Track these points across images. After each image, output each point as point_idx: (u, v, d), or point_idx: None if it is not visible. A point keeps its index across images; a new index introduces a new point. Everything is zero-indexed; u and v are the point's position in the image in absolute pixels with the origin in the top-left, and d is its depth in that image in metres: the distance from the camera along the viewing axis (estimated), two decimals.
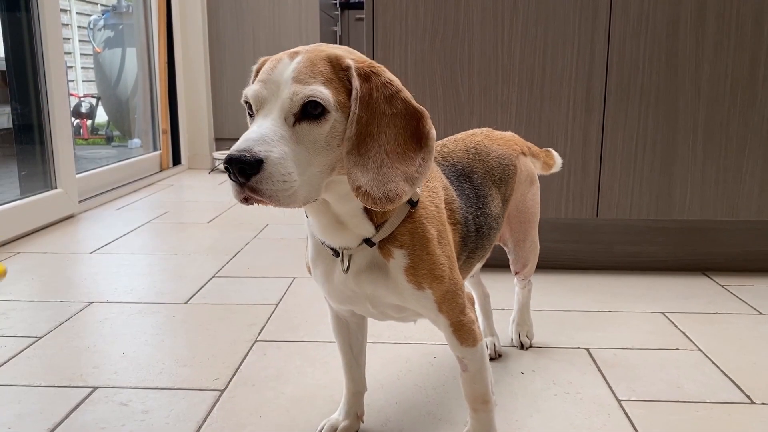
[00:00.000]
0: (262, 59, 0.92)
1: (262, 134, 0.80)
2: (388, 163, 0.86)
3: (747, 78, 1.92)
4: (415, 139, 0.89)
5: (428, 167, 0.89)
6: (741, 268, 2.12)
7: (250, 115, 0.87)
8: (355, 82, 0.85)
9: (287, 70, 0.83)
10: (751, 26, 1.90)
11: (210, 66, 4.58)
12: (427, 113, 0.90)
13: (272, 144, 0.79)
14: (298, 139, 0.82)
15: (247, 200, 0.81)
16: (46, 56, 2.82)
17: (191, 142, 4.58)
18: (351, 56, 0.88)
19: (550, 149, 1.53)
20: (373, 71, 0.87)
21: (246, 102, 0.87)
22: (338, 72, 0.86)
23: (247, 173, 0.77)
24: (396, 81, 0.89)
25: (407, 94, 0.89)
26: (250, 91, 0.85)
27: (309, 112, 0.82)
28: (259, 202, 0.81)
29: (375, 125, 0.86)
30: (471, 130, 1.33)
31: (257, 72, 0.92)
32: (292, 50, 0.87)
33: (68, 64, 5.61)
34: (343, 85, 0.85)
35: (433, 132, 0.90)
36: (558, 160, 1.53)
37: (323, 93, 0.83)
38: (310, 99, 0.82)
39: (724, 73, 1.92)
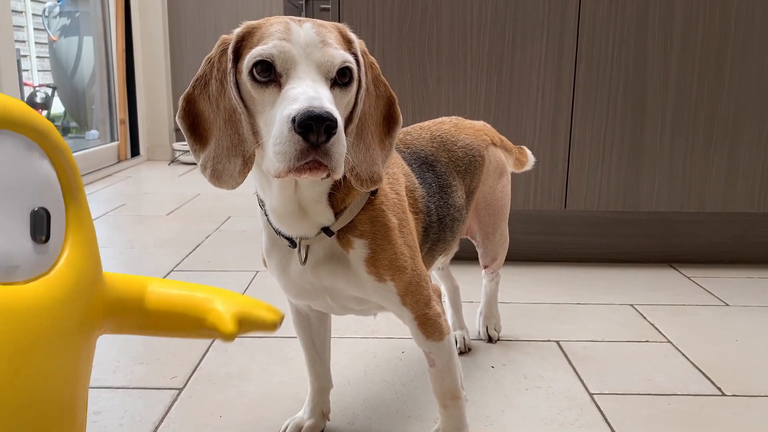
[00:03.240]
0: (246, 24, 0.82)
1: (322, 94, 0.73)
2: (372, 145, 0.86)
3: (714, 70, 1.92)
4: (387, 122, 0.90)
5: (393, 151, 0.90)
6: (707, 259, 2.13)
7: (259, 82, 0.77)
8: (361, 58, 0.83)
9: (308, 32, 0.77)
10: (718, 18, 1.89)
11: (170, 54, 4.45)
12: (396, 98, 0.91)
13: (333, 105, 0.73)
14: (336, 105, 0.77)
15: (303, 169, 0.72)
16: None
17: (150, 132, 4.46)
18: None
19: (524, 147, 1.50)
20: (364, 50, 0.85)
21: (257, 64, 0.76)
22: (346, 44, 0.83)
23: (330, 132, 0.71)
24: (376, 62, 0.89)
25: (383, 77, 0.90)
26: (274, 48, 0.75)
27: (337, 80, 0.78)
28: (317, 170, 0.72)
29: (368, 105, 0.85)
30: (439, 118, 1.30)
31: (243, 37, 0.80)
32: (288, 17, 0.81)
33: (22, 53, 5.42)
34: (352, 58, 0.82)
35: (401, 117, 0.91)
36: (531, 159, 1.50)
37: (353, 61, 0.80)
38: (345, 65, 0.78)
39: (692, 64, 1.92)
